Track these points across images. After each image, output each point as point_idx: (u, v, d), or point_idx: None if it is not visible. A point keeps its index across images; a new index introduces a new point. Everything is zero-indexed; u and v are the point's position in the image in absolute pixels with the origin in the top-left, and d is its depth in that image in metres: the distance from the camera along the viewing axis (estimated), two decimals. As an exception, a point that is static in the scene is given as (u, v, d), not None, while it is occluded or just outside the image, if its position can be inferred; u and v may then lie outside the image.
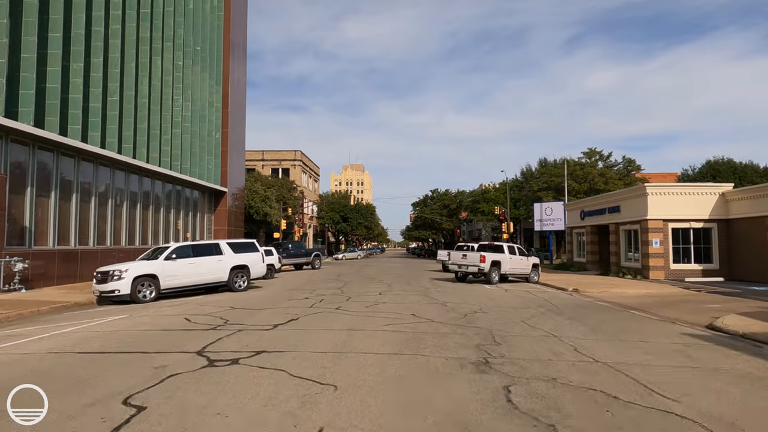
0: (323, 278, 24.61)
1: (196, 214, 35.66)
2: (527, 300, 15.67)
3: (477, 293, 17.55)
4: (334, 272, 30.39)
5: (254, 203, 43.98)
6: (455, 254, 23.30)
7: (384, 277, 25.07)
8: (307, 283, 21.61)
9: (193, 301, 14.77)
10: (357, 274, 27.66)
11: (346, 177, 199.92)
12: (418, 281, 23.06)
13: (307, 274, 29.11)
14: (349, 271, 31.24)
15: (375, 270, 32.83)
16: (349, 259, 66.39)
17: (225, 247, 17.50)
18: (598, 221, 30.56)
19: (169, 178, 30.36)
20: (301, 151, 67.29)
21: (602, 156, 45.63)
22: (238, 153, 41.45)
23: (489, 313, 12.06)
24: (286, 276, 27.41)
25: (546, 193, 45.08)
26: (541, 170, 47.75)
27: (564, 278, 25.52)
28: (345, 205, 75.72)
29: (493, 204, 58.80)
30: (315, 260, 34.53)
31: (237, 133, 40.80)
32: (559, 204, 40.92)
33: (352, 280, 22.89)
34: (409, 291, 17.78)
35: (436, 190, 73.13)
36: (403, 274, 28.73)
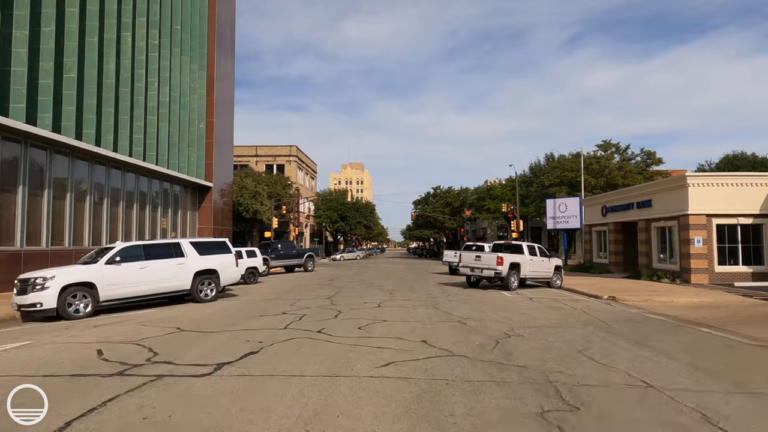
0: (314, 283, 21.35)
1: (177, 211, 32.41)
2: (563, 313, 12.40)
3: (498, 303, 14.28)
4: (329, 275, 27.13)
5: (243, 200, 40.69)
6: (467, 255, 20.02)
7: (384, 282, 21.82)
8: (293, 290, 18.33)
9: (136, 317, 11.50)
10: (353, 278, 24.41)
11: (345, 176, 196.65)
12: (424, 287, 19.80)
13: (297, 277, 25.84)
14: (346, 274, 27.98)
15: (374, 273, 29.57)
16: (348, 260, 63.18)
17: (188, 247, 14.20)
18: (624, 218, 27.29)
19: (144, 171, 27.10)
20: (296, 146, 64.02)
21: (618, 149, 42.37)
22: (226, 145, 38.18)
23: (527, 337, 8.81)
24: (273, 280, 24.14)
25: (558, 188, 41.81)
26: (553, 164, 44.48)
27: (589, 282, 22.27)
28: (343, 203, 72.42)
29: (499, 201, 55.48)
30: (308, 262, 31.27)
31: (224, 123, 37.54)
32: (574, 200, 37.64)
33: (347, 286, 19.63)
34: (415, 301, 14.51)
35: (439, 188, 69.85)
36: (406, 277, 25.47)
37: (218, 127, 36.38)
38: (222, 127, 37.16)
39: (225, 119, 37.88)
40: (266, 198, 43.11)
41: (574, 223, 37.54)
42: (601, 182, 39.75)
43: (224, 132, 37.78)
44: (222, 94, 37.14)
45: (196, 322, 10.56)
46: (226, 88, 38.13)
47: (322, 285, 20.31)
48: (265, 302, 14.17)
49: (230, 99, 39.32)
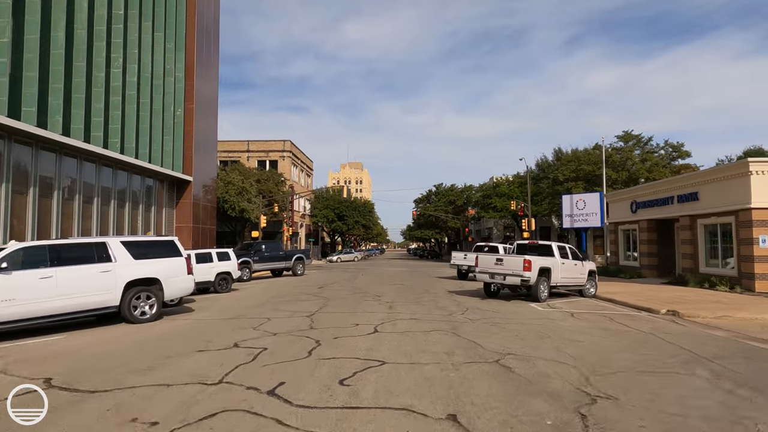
0: (298, 291, 17.68)
1: (150, 207, 28.75)
2: (634, 341, 8.75)
3: (535, 323, 10.60)
4: (319, 281, 23.48)
5: (229, 197, 37.02)
6: (486, 259, 16.30)
7: (383, 290, 18.15)
8: (269, 302, 14.62)
9: (16, 351, 7.82)
10: (347, 285, 20.76)
11: (344, 175, 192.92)
12: (432, 297, 16.13)
13: (282, 284, 22.15)
14: (339, 280, 24.32)
15: (371, 278, 25.90)
16: (345, 262, 59.50)
17: (117, 248, 10.49)
18: (660, 214, 23.64)
19: (107, 160, 23.44)
20: (290, 141, 60.36)
21: (639, 141, 38.61)
22: (208, 136, 34.50)
23: (623, 401, 5.14)
24: (253, 287, 20.47)
25: (575, 184, 38.16)
26: (567, 157, 40.81)
27: (627, 290, 18.64)
28: (340, 202, 68.76)
29: (506, 199, 51.83)
30: (296, 265, 27.57)
31: (206, 112, 33.87)
32: (594, 195, 33.93)
33: (337, 296, 15.94)
34: (424, 320, 10.83)
35: (441, 185, 66.14)
36: (409, 283, 21.82)
37: (199, 116, 32.70)
38: (204, 115, 33.48)
39: (207, 108, 34.21)
40: (255, 195, 39.42)
41: (593, 221, 33.85)
42: (623, 176, 36.11)
43: (207, 121, 34.11)
44: (204, 79, 33.47)
45: (91, 366, 6.86)
46: (209, 74, 34.46)
47: (307, 295, 16.63)
48: (222, 323, 10.48)
49: (214, 86, 35.65)
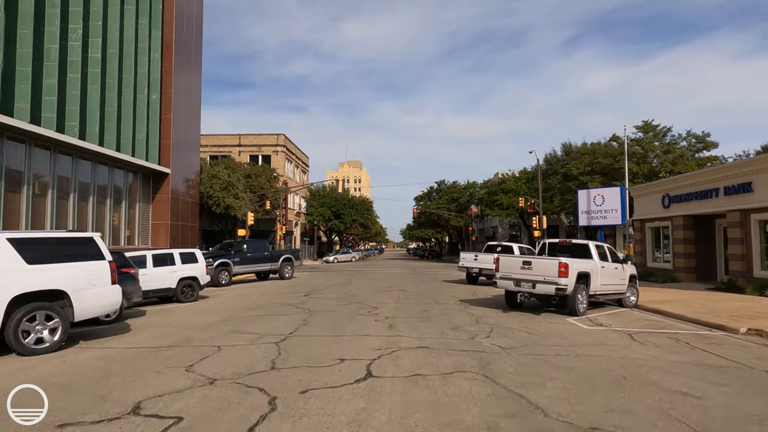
0: (277, 301, 14.53)
1: (120, 202, 25.63)
2: (745, 383, 5.63)
3: (594, 353, 7.45)
4: (308, 285, 20.34)
5: (213, 192, 33.85)
6: (509, 262, 13.09)
7: (381, 299, 15.03)
8: (234, 318, 11.44)
9: None
10: (339, 291, 17.62)
11: (342, 174, 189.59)
12: (442, 308, 12.99)
13: (263, 289, 18.99)
14: (331, 284, 21.18)
15: (368, 282, 22.78)
16: (342, 262, 56.38)
17: (0, 248, 7.35)
18: (700, 209, 20.54)
19: (68, 147, 20.30)
20: (284, 135, 57.19)
21: (657, 133, 35.35)
22: (190, 125, 31.35)
23: None
24: (226, 294, 17.31)
25: (590, 178, 35.06)
26: (582, 150, 37.68)
27: (672, 297, 15.59)
28: (337, 200, 65.62)
29: (513, 195, 48.74)
30: (284, 267, 24.41)
31: (187, 99, 30.74)
32: (614, 190, 30.89)
33: (323, 309, 12.79)
34: (439, 350, 7.67)
35: (443, 182, 63.00)
36: (411, 289, 18.69)
37: (179, 103, 29.56)
38: (184, 103, 30.34)
39: (189, 94, 31.06)
40: (242, 190, 36.22)
41: (614, 218, 30.80)
42: (645, 169, 33.01)
43: (188, 109, 30.96)
44: (185, 62, 30.34)
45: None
46: (191, 57, 31.31)
47: (287, 306, 13.48)
48: (148, 357, 7.31)
49: (197, 71, 32.51)
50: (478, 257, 21.22)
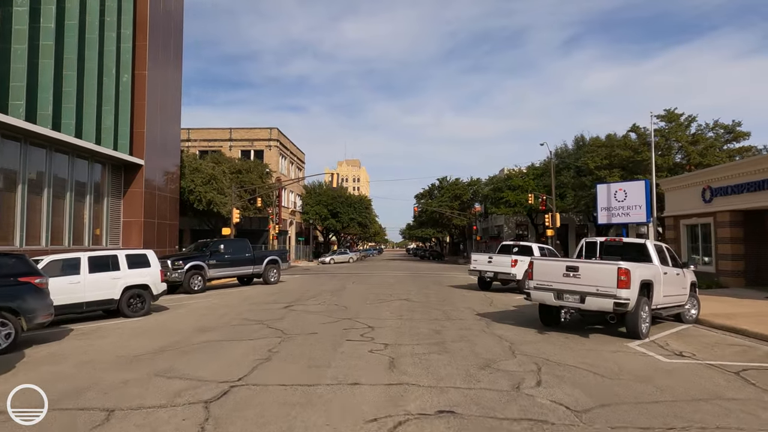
0: (249, 317, 11.47)
1: (83, 196, 22.64)
2: None
3: (713, 419, 4.41)
4: (293, 292, 17.29)
5: (195, 186, 30.79)
6: (549, 267, 9.89)
7: (379, 313, 11.99)
8: (175, 346, 8.32)
9: None
10: (328, 301, 14.58)
11: (341, 173, 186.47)
12: (459, 327, 9.93)
13: (235, 300, 15.89)
14: (322, 290, 18.14)
15: (365, 287, 19.77)
16: (339, 263, 53.40)
17: None
18: (751, 202, 17.55)
19: (9, 130, 17.27)
20: (277, 129, 54.14)
21: (679, 124, 32.17)
22: (168, 112, 28.32)
23: None
24: (190, 306, 14.24)
25: (608, 172, 32.02)
26: (599, 142, 34.62)
27: (737, 310, 12.61)
28: (334, 198, 62.57)
29: (521, 192, 45.71)
30: (269, 270, 21.38)
31: (165, 82, 27.71)
32: (637, 184, 27.81)
33: (302, 329, 9.70)
34: (474, 418, 4.63)
35: (445, 179, 59.95)
36: (417, 297, 15.65)
37: (155, 86, 26.56)
38: (162, 87, 27.33)
39: (167, 77, 28.03)
40: (228, 185, 33.11)
41: (638, 215, 27.71)
42: (669, 162, 30.00)
43: (166, 95, 27.94)
44: (163, 42, 27.34)
45: None
46: (170, 36, 28.29)
47: (257, 324, 10.42)
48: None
49: (177, 53, 29.47)
50: (493, 259, 18.19)
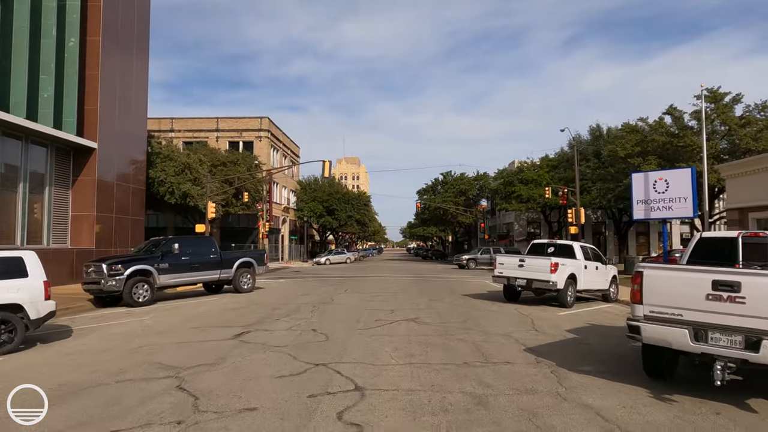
0: (161, 360, 7.24)
1: (16, 184, 18.52)
2: None
3: None
4: (263, 308, 13.04)
5: (166, 176, 26.56)
6: (680, 282, 5.68)
7: (376, 352, 7.74)
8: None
9: None
10: (303, 325, 10.31)
11: (340, 170, 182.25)
12: (512, 382, 5.68)
13: (184, 317, 11.63)
14: (302, 303, 13.92)
15: (359, 297, 15.59)
16: (335, 264, 49.24)
17: None
18: None
19: None
20: (268, 119, 49.94)
21: (720, 106, 27.91)
22: (130, 87, 24.12)
23: None
24: (111, 328, 9.98)
25: (642, 160, 27.82)
26: (630, 126, 30.35)
27: None
28: (330, 194, 58.36)
29: (534, 186, 41.52)
30: (240, 276, 17.17)
31: (126, 51, 23.53)
32: (681, 173, 23.47)
33: (235, 394, 5.47)
34: None
35: (449, 173, 55.74)
36: (428, 316, 11.44)
37: (112, 55, 22.41)
38: (121, 56, 23.15)
39: (129, 46, 23.83)
40: (204, 174, 28.79)
41: (682, 209, 23.40)
42: (716, 147, 25.82)
43: (128, 68, 23.75)
44: (124, 4, 23.17)
45: None
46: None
47: (150, 384, 6.21)
48: None
49: (142, 18, 25.24)
50: (526, 262, 13.97)
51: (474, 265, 37.19)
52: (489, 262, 36.35)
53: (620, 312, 13.24)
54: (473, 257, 38.68)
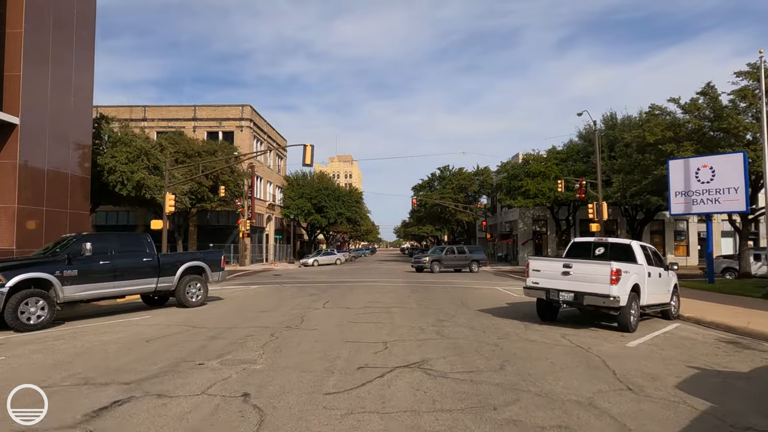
0: None
1: None
2: None
3: None
4: (191, 339, 8.86)
5: (116, 164, 22.32)
6: None
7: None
8: None
9: None
10: (234, 384, 6.30)
11: (332, 169, 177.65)
12: None
13: (63, 356, 7.56)
14: (255, 329, 9.82)
15: (339, 317, 11.54)
16: (324, 265, 45.18)
17: None
18: None
19: None
20: (250, 107, 45.75)
21: None
22: (68, 55, 19.88)
23: None
24: None
25: (673, 146, 23.94)
26: (659, 108, 26.47)
27: None
28: (319, 190, 54.28)
29: (542, 179, 37.68)
30: (185, 285, 13.09)
31: (62, 10, 19.31)
32: (731, 158, 19.95)
33: None
34: None
35: (447, 167, 51.75)
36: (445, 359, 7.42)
37: (41, 13, 18.22)
38: (55, 16, 18.93)
39: (67, 7, 19.62)
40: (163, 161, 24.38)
41: (732, 202, 19.73)
42: (764, 130, 21.97)
43: (63, 29, 19.51)
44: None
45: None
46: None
47: None
48: None
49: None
50: (572, 269, 9.95)
51: (439, 267, 31.09)
52: (454, 264, 31.96)
53: (703, 337, 9.40)
54: (437, 258, 31.74)
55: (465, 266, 31.98)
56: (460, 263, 31.92)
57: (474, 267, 32.14)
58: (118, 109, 42.34)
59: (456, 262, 31.80)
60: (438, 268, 31.04)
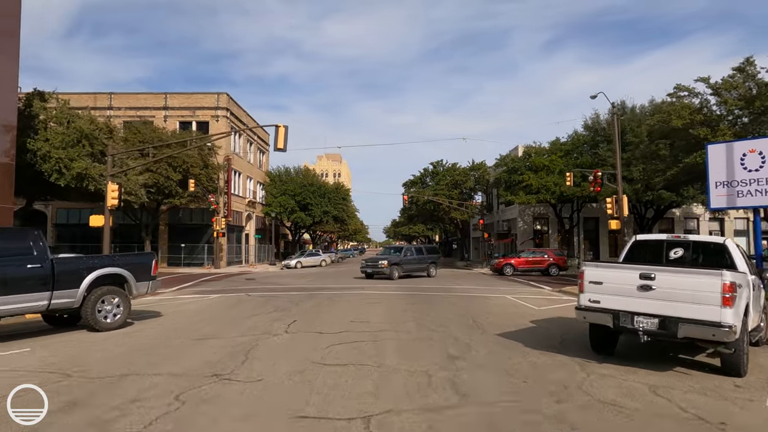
0: None
1: None
2: None
3: None
4: (61, 395, 5.40)
5: (49, 149, 18.47)
6: None
7: None
8: None
9: None
10: None
11: (321, 167, 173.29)
12: None
13: None
14: (176, 370, 6.26)
15: (300, 352, 8.02)
16: (307, 267, 41.52)
17: None
18: None
19: None
20: (227, 95, 41.89)
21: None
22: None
23: None
24: None
25: (707, 130, 20.75)
26: (684, 87, 23.28)
27: None
28: (303, 186, 50.58)
29: (546, 173, 34.40)
30: (96, 302, 9.48)
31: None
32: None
33: None
34: None
35: (440, 162, 48.32)
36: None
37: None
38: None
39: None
40: (107, 144, 20.24)
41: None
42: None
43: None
44: None
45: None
46: None
47: None
48: None
49: None
50: (658, 281, 6.52)
51: (398, 273, 25.26)
52: (416, 267, 26.78)
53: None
54: (397, 261, 25.81)
55: (423, 270, 27.15)
56: (420, 266, 27.16)
57: (432, 271, 27.39)
58: (81, 96, 38.25)
59: (416, 266, 26.89)
60: (398, 273, 25.29)
